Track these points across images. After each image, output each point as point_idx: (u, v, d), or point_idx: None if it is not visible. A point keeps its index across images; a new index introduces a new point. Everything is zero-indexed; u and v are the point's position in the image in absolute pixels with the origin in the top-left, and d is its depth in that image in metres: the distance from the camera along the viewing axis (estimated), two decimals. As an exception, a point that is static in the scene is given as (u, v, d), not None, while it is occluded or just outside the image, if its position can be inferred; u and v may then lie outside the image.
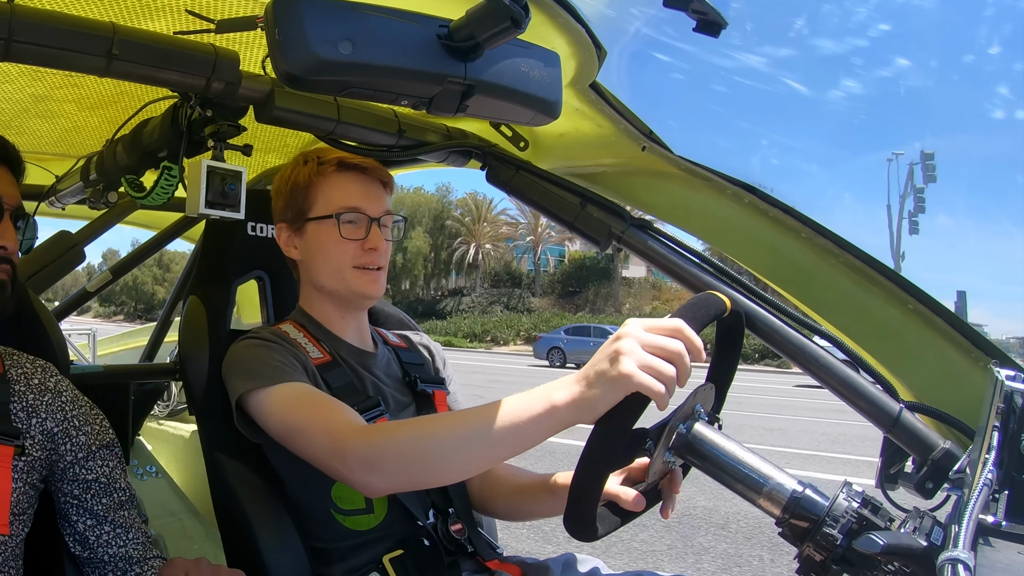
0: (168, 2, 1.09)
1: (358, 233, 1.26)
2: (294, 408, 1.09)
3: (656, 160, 1.34)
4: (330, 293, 1.30)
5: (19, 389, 1.02)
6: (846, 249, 1.22)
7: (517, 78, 1.05)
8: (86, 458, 1.04)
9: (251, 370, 1.15)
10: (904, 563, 0.76)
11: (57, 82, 1.38)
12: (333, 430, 1.02)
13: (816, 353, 1.21)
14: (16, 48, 0.96)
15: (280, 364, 1.15)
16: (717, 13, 0.93)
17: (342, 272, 1.26)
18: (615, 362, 0.79)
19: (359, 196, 1.27)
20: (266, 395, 1.11)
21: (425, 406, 1.33)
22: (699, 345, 0.82)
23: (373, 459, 0.96)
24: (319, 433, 1.04)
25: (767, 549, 4.03)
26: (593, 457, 0.82)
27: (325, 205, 1.27)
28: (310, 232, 1.28)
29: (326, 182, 1.28)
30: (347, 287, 1.27)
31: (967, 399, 1.13)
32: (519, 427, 0.84)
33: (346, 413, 1.07)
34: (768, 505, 0.87)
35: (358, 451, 0.97)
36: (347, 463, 0.98)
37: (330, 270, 1.27)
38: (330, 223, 1.26)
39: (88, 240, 1.89)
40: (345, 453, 0.98)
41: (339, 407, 1.08)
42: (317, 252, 1.28)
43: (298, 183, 1.29)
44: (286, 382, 1.12)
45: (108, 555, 1.03)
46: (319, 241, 1.27)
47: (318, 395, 1.12)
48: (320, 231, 1.27)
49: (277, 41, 0.90)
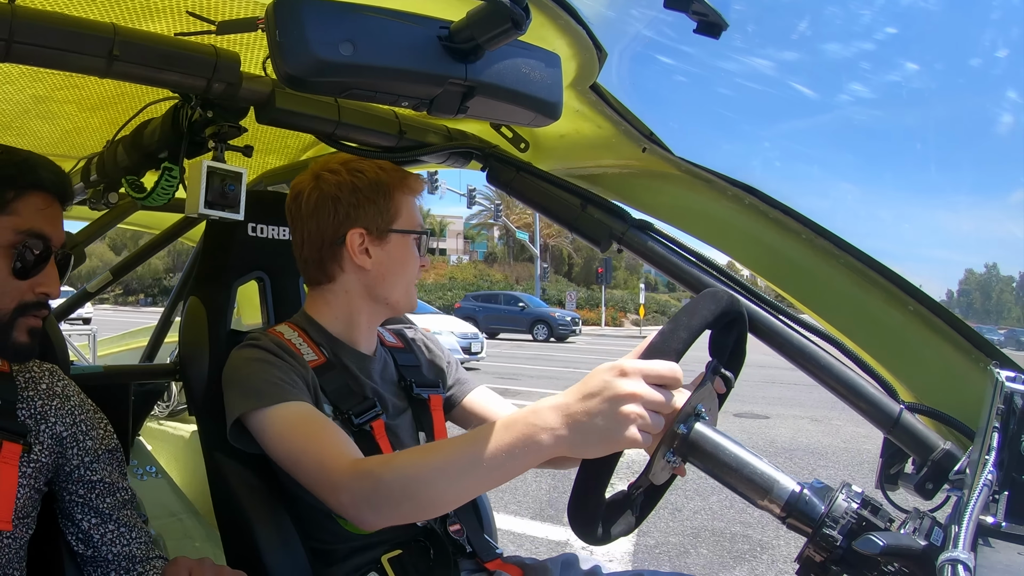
0: (169, 3, 1.09)
1: (424, 251, 1.31)
2: (290, 435, 1.08)
3: (657, 161, 1.34)
4: (390, 305, 1.30)
5: (28, 395, 1.01)
6: (846, 250, 1.22)
7: (518, 79, 1.05)
8: (92, 461, 1.04)
9: (250, 387, 1.14)
10: (904, 564, 0.76)
11: (58, 83, 1.38)
12: (327, 465, 1.02)
13: (816, 354, 1.21)
14: (17, 49, 0.96)
15: (279, 382, 1.14)
16: (718, 14, 0.93)
17: (410, 287, 1.30)
18: (616, 423, 0.75)
19: (420, 214, 1.32)
20: (264, 416, 1.10)
21: (421, 411, 1.33)
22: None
23: (367, 498, 0.96)
24: (313, 466, 1.04)
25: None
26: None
27: (409, 219, 1.28)
28: (393, 243, 1.26)
29: (407, 197, 1.28)
30: (410, 301, 1.31)
31: (967, 400, 1.14)
32: (505, 466, 0.83)
33: (341, 445, 1.06)
34: (768, 505, 0.88)
35: (351, 489, 0.97)
36: (340, 500, 0.99)
37: (403, 285, 1.28)
38: (413, 239, 1.28)
39: (88, 240, 1.90)
40: (339, 490, 0.99)
41: (334, 439, 1.07)
42: (399, 265, 1.27)
43: (390, 191, 1.26)
44: (285, 402, 1.11)
45: (112, 554, 1.03)
46: (402, 255, 1.27)
47: (315, 421, 1.10)
48: (404, 245, 1.27)
49: (278, 42, 0.90)
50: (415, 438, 1.31)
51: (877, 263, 1.22)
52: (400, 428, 1.29)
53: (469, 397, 1.41)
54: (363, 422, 1.21)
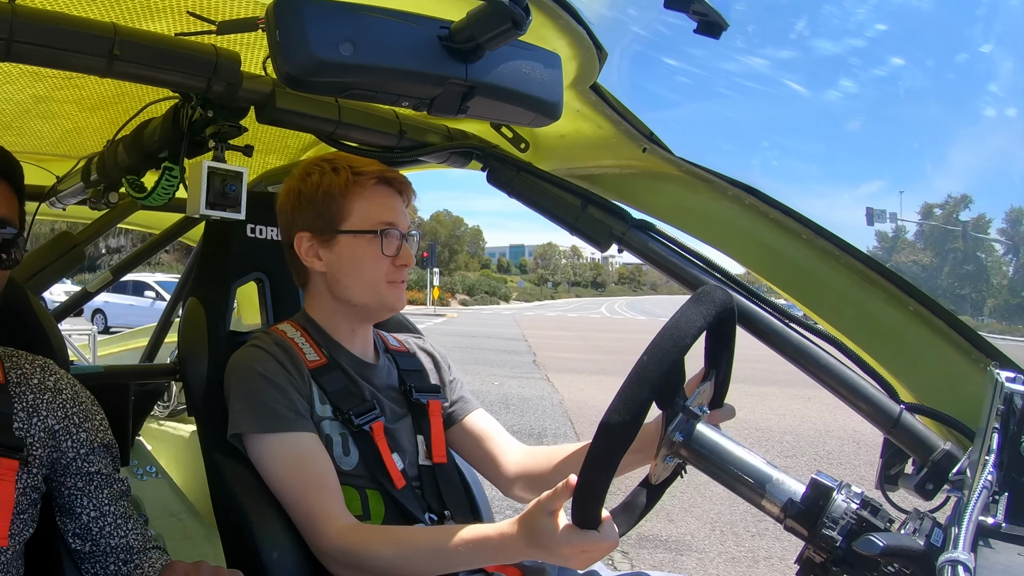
0: (169, 3, 1.09)
1: (393, 249, 1.25)
2: (286, 476, 1.15)
3: (657, 162, 1.34)
4: (356, 306, 1.28)
5: (20, 391, 1.02)
6: (846, 251, 1.22)
7: (518, 79, 1.05)
8: (89, 453, 1.05)
9: (253, 408, 1.17)
10: (904, 564, 0.76)
11: (58, 83, 1.38)
12: (315, 521, 1.12)
13: (816, 354, 1.21)
14: (17, 48, 0.96)
15: (281, 408, 1.16)
16: (718, 14, 0.93)
17: (376, 287, 1.26)
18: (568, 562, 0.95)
19: (394, 211, 1.26)
20: (263, 443, 1.17)
21: (420, 416, 1.33)
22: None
23: (344, 563, 1.10)
24: (302, 512, 1.14)
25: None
26: (601, 448, 0.82)
27: (364, 219, 1.24)
28: (343, 245, 1.25)
29: (365, 195, 1.25)
30: (380, 301, 1.27)
31: (967, 400, 1.13)
32: (470, 566, 1.04)
33: (333, 500, 1.14)
34: (768, 505, 0.88)
35: (332, 553, 1.10)
36: (321, 554, 1.12)
37: (364, 285, 1.26)
38: (369, 238, 1.24)
39: (89, 241, 1.89)
40: (321, 547, 1.11)
41: (327, 489, 1.14)
42: (352, 266, 1.25)
43: (332, 192, 1.24)
44: (286, 432, 1.15)
45: (110, 546, 1.03)
46: (355, 255, 1.25)
47: (310, 464, 1.15)
48: (357, 245, 1.24)
49: (278, 42, 0.90)
50: (413, 441, 1.31)
51: (877, 263, 1.21)
52: (399, 432, 1.29)
53: (469, 418, 1.40)
54: (363, 423, 1.22)
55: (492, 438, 1.38)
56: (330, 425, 1.22)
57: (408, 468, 1.26)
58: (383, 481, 1.21)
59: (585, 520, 0.88)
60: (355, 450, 1.22)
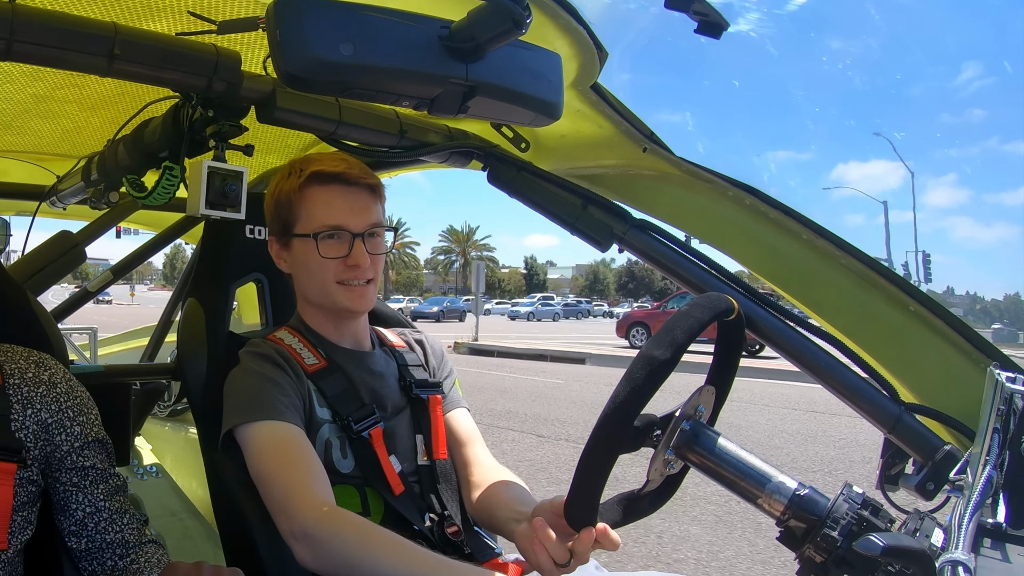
0: (170, 2, 1.09)
1: (340, 250, 1.22)
2: (267, 456, 1.11)
3: (657, 161, 1.34)
4: (319, 306, 1.29)
5: (15, 385, 1.02)
6: (847, 251, 1.22)
7: (518, 79, 1.05)
8: (83, 447, 1.05)
9: (242, 401, 1.17)
10: (904, 565, 0.76)
11: (58, 82, 1.38)
12: (292, 495, 1.05)
13: (817, 355, 1.21)
14: (18, 48, 0.96)
15: (271, 398, 1.15)
16: (718, 14, 0.93)
17: (326, 288, 1.25)
18: None
19: (342, 212, 1.22)
20: (248, 430, 1.14)
21: (419, 411, 1.33)
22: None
23: (314, 542, 1.01)
24: (278, 491, 1.07)
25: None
26: (598, 445, 0.82)
27: (307, 222, 1.23)
28: (295, 247, 1.26)
29: (307, 197, 1.23)
30: (332, 302, 1.26)
31: (968, 401, 1.13)
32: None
33: (311, 485, 1.08)
34: (768, 506, 0.88)
35: (305, 527, 1.02)
36: (292, 530, 1.03)
37: (315, 286, 1.26)
38: (311, 242, 1.23)
39: (89, 240, 1.89)
40: (292, 521, 1.03)
41: (307, 474, 1.09)
42: (302, 268, 1.27)
43: (281, 198, 1.26)
44: (271, 420, 1.14)
45: (106, 541, 1.03)
46: (302, 259, 1.25)
47: (294, 449, 1.12)
48: (303, 248, 1.25)
49: (278, 42, 0.90)
50: (412, 441, 1.31)
51: (878, 263, 1.22)
52: (398, 430, 1.29)
53: (449, 415, 1.39)
54: (362, 429, 1.22)
55: (463, 437, 1.36)
56: (329, 428, 1.22)
57: (406, 468, 1.27)
58: (380, 488, 1.21)
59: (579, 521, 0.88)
60: (352, 455, 1.22)
